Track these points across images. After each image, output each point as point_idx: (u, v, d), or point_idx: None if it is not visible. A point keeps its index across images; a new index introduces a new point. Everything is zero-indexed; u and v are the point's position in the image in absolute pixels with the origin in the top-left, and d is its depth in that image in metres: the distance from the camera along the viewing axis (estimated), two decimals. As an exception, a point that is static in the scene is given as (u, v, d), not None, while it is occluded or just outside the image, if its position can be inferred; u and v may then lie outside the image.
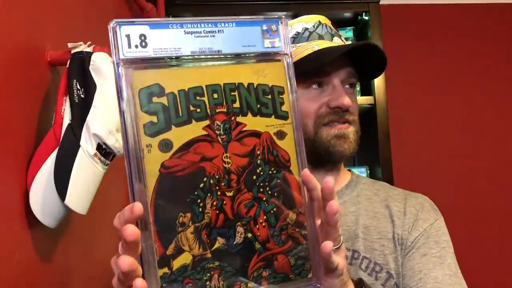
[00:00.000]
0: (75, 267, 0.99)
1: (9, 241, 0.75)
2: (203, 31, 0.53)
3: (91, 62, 0.85)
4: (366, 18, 1.69)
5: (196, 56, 0.52)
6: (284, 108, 0.55)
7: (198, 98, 0.52)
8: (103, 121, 0.83)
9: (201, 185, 0.51)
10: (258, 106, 0.54)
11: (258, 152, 0.54)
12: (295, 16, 1.76)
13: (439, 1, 2.18)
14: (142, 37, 0.51)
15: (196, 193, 0.51)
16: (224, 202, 0.52)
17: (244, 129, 0.53)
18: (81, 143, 0.82)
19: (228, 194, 0.52)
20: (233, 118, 0.53)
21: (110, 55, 0.51)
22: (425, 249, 0.85)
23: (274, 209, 0.54)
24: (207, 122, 0.52)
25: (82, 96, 0.84)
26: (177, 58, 0.52)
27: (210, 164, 0.52)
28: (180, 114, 0.51)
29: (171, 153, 0.50)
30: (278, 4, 1.69)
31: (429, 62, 2.14)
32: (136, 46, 0.50)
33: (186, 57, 0.52)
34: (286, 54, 0.56)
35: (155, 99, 0.50)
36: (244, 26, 0.55)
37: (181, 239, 0.50)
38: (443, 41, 2.16)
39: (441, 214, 0.94)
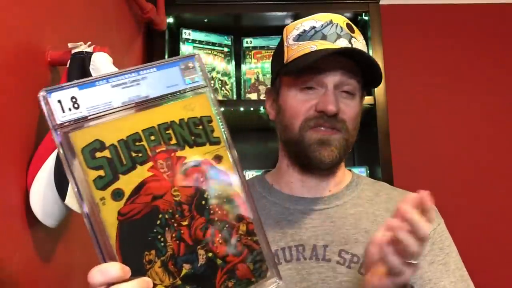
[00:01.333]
0: (75, 267, 0.99)
1: (9, 241, 0.75)
2: (128, 81, 0.57)
3: (91, 62, 0.85)
4: (366, 18, 1.68)
5: (127, 106, 0.56)
6: (215, 134, 0.61)
7: (137, 143, 0.55)
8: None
9: (158, 222, 0.55)
10: (193, 138, 0.59)
11: (202, 179, 0.58)
12: (295, 16, 1.77)
13: (439, 1, 2.18)
14: (73, 99, 0.53)
15: (155, 230, 0.55)
16: (182, 231, 0.56)
17: (185, 161, 0.58)
18: (81, 143, 0.82)
19: (184, 223, 0.56)
20: (173, 154, 0.57)
21: (110, 55, 0.51)
22: (432, 257, 0.85)
23: (226, 226, 0.59)
24: (150, 164, 0.55)
25: (82, 96, 0.84)
26: (109, 111, 0.54)
27: (162, 200, 0.55)
28: (125, 163, 0.54)
29: (124, 200, 0.54)
30: (278, 4, 1.69)
31: (429, 62, 2.14)
32: (70, 109, 0.53)
33: (118, 109, 0.55)
34: (205, 86, 0.61)
35: (98, 154, 0.53)
36: (164, 69, 0.61)
37: (152, 275, 0.54)
38: (443, 41, 2.16)
39: (442, 215, 0.94)
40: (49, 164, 0.80)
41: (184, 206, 0.57)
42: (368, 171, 1.69)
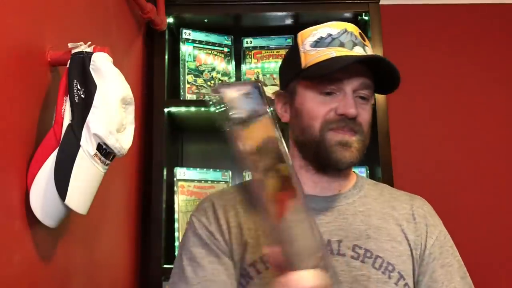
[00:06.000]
0: (75, 267, 0.99)
1: (9, 241, 0.75)
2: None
3: (91, 62, 0.85)
4: (366, 18, 1.68)
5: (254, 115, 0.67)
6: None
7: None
8: (104, 121, 0.83)
9: None
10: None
11: None
12: (295, 16, 1.77)
13: (439, 1, 2.18)
14: None
15: None
16: None
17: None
18: (81, 143, 0.82)
19: None
20: None
21: (110, 55, 0.51)
22: (442, 260, 0.91)
23: None
24: None
25: (83, 96, 0.84)
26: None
27: None
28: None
29: None
30: (278, 4, 1.69)
31: (429, 62, 2.14)
32: None
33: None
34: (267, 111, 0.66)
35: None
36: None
37: None
38: (443, 41, 2.16)
39: (441, 215, 0.99)
40: (49, 164, 0.80)
41: None
42: (368, 171, 1.69)
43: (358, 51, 0.90)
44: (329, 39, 0.91)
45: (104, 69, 0.85)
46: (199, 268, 0.87)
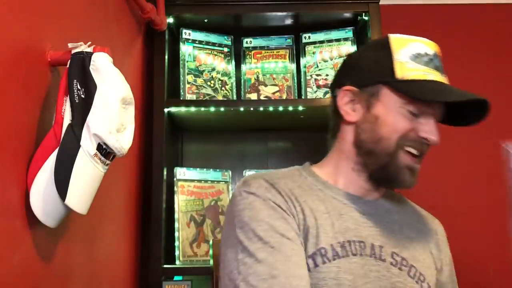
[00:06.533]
0: (75, 267, 0.99)
1: (9, 241, 0.75)
2: None
3: (91, 62, 0.85)
4: (366, 18, 1.68)
5: None
6: None
7: None
8: (104, 121, 0.83)
9: None
10: None
11: None
12: (295, 16, 1.77)
13: (439, 1, 2.18)
14: None
15: None
16: None
17: None
18: (81, 143, 0.82)
19: None
20: None
21: (110, 55, 0.51)
22: (453, 278, 0.98)
23: None
24: None
25: (83, 96, 0.84)
26: None
27: None
28: None
29: None
30: (278, 4, 1.69)
31: (429, 62, 2.15)
32: None
33: None
34: None
35: None
36: None
37: None
38: (443, 41, 2.16)
39: (440, 216, 1.03)
40: (50, 164, 0.80)
41: None
42: (368, 171, 1.69)
43: (445, 79, 0.92)
44: (426, 58, 0.90)
45: (104, 69, 0.85)
46: (287, 240, 0.80)
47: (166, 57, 1.62)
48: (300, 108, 1.63)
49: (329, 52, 1.75)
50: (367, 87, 0.91)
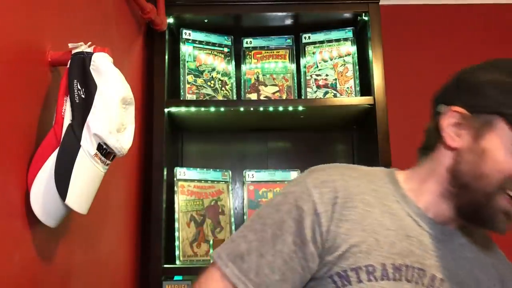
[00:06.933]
0: (75, 267, 0.99)
1: (9, 241, 0.75)
2: None
3: (91, 62, 0.85)
4: (366, 18, 1.68)
5: None
6: None
7: None
8: (104, 121, 0.83)
9: None
10: None
11: None
12: (295, 16, 1.77)
13: (439, 1, 2.18)
14: None
15: None
16: None
17: None
18: (81, 143, 0.82)
19: None
20: None
21: (110, 55, 0.51)
22: None
23: None
24: None
25: (83, 96, 0.84)
26: None
27: None
28: None
29: None
30: (278, 4, 1.69)
31: (429, 62, 2.14)
32: None
33: None
34: None
35: None
36: None
37: None
38: (443, 41, 2.16)
39: None
40: (50, 164, 0.80)
41: None
42: (368, 171, 1.69)
43: None
44: None
45: (104, 69, 0.86)
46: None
47: (166, 57, 1.62)
48: (300, 108, 1.63)
49: (329, 52, 1.75)
50: (480, 114, 0.82)
